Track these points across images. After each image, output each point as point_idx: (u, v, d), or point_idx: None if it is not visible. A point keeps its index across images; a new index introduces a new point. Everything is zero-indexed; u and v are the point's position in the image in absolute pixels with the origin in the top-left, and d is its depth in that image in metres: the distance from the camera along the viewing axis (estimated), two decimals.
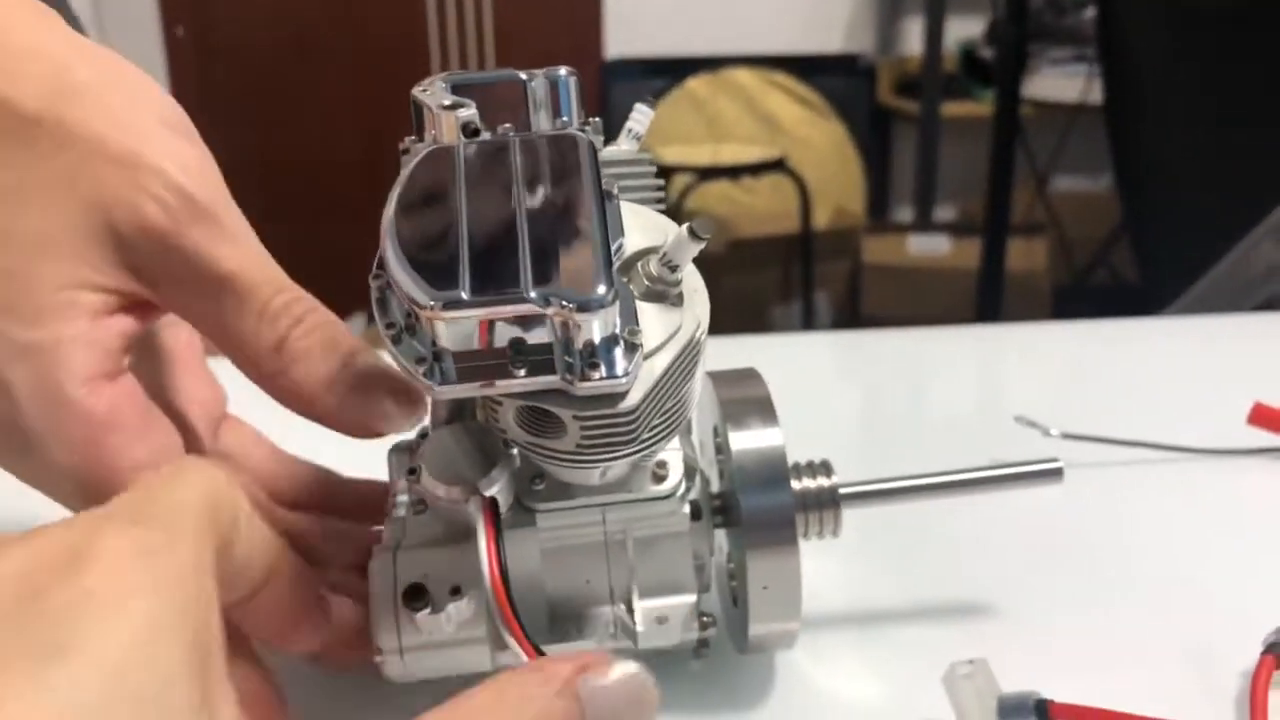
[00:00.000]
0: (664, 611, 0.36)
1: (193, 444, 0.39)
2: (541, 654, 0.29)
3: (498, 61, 2.72)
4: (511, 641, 0.30)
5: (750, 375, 0.41)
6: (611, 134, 0.38)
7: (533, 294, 0.27)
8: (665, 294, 0.32)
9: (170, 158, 0.32)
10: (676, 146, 2.69)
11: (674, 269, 0.31)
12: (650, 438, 0.31)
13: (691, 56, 2.87)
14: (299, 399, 0.33)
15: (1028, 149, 2.34)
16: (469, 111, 0.33)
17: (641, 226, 0.33)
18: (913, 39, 2.95)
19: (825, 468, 0.40)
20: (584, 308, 0.27)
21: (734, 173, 2.56)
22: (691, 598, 0.37)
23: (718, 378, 0.40)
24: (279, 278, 0.33)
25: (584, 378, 0.28)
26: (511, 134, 0.32)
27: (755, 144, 2.73)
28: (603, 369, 0.28)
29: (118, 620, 0.20)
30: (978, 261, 2.29)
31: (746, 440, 0.38)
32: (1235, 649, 0.39)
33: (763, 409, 0.39)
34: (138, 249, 0.32)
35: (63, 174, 0.31)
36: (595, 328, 0.28)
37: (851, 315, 2.67)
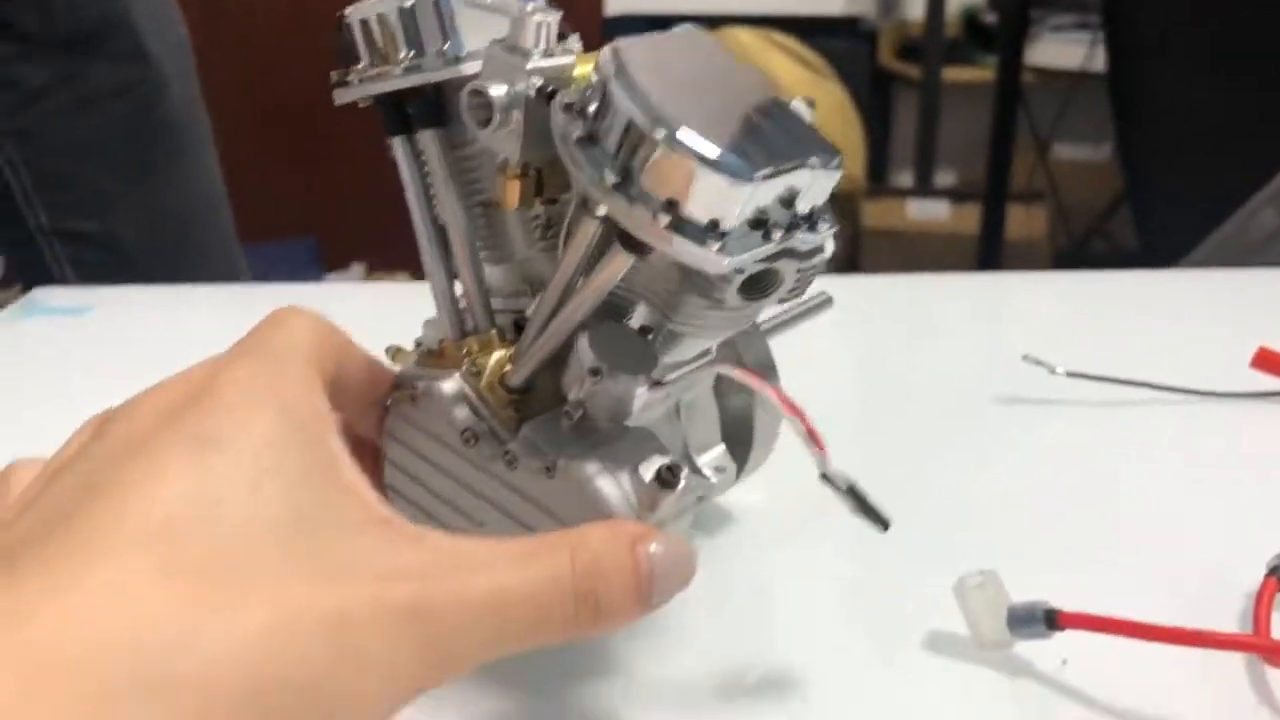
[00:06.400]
0: (720, 461, 0.41)
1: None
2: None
3: None
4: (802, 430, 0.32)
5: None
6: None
7: (812, 159, 0.30)
8: None
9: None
10: None
11: None
12: None
13: (692, 14, 2.83)
14: None
15: (1029, 116, 2.33)
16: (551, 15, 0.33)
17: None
18: (915, 3, 2.92)
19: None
20: (838, 168, 0.30)
21: None
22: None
23: None
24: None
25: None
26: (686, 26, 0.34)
27: None
28: (825, 224, 0.32)
29: (252, 426, 0.25)
30: (977, 227, 2.28)
31: None
32: (1239, 572, 0.40)
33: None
34: None
35: None
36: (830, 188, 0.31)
37: None
